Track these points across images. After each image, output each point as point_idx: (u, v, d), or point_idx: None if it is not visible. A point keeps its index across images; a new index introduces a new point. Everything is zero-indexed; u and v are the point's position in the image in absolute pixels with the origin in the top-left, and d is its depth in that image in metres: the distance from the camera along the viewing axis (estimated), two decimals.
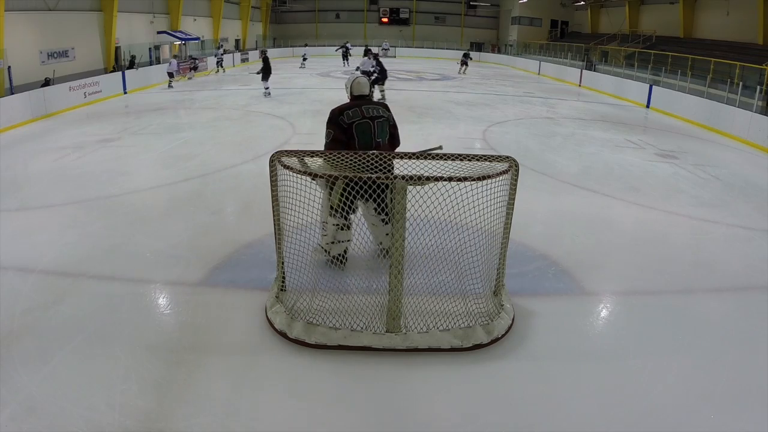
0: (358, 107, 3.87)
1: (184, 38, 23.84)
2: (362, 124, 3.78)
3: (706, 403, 2.90)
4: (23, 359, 3.07)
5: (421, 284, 3.54)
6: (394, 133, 4.05)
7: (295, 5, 37.46)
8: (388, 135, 3.96)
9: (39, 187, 6.49)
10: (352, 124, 3.78)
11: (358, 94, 4.04)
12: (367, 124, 3.80)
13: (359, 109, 3.85)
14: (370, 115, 3.85)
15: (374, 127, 3.83)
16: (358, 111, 3.84)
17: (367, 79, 4.17)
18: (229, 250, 4.63)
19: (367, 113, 3.85)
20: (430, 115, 12.12)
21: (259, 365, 3.14)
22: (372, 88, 12.65)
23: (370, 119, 3.83)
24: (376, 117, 3.86)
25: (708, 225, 5.70)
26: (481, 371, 3.11)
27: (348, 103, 3.97)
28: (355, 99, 4.03)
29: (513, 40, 33.85)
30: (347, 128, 3.77)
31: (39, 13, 15.16)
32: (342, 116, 3.81)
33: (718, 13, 20.73)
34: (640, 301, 4.07)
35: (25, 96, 11.19)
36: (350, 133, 3.77)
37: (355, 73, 4.08)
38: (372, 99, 3.95)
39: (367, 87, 4.06)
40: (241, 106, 12.99)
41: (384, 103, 4.14)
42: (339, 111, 3.84)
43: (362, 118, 3.80)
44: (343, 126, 3.78)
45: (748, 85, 12.29)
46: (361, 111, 3.84)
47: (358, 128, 3.78)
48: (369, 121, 3.81)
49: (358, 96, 4.03)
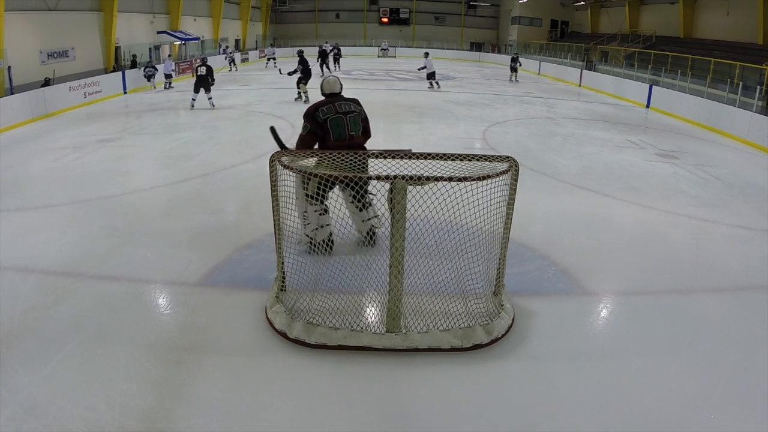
0: (332, 104, 4.25)
1: (184, 38, 23.84)
2: (336, 119, 4.17)
3: (706, 403, 2.90)
4: (23, 359, 3.07)
5: (421, 284, 3.54)
6: (365, 126, 4.43)
7: (295, 5, 37.46)
8: (361, 128, 4.36)
9: (39, 187, 6.49)
10: (327, 119, 4.16)
11: (329, 92, 4.37)
12: (341, 118, 4.18)
13: (333, 106, 4.23)
14: (343, 110, 4.24)
15: (347, 121, 4.22)
16: (332, 107, 4.22)
17: (336, 78, 4.53)
18: (229, 250, 4.63)
19: (340, 109, 4.24)
20: (430, 115, 12.12)
21: (259, 365, 3.14)
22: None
23: (343, 114, 4.22)
24: (348, 112, 4.26)
25: (708, 225, 5.70)
26: (481, 371, 3.11)
27: (323, 101, 4.31)
28: (328, 96, 4.35)
29: (513, 40, 33.84)
30: (323, 123, 4.15)
31: (39, 13, 15.16)
32: (318, 112, 4.18)
33: (718, 13, 20.72)
34: (640, 301, 4.07)
35: (25, 96, 11.19)
36: (325, 127, 4.15)
37: (326, 74, 4.45)
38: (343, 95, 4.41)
39: (338, 85, 4.43)
40: (241, 106, 12.99)
41: (355, 99, 4.47)
42: (315, 108, 4.23)
43: (336, 114, 4.19)
44: (318, 120, 4.15)
45: (748, 85, 12.29)
46: (335, 107, 4.22)
47: (332, 123, 4.16)
48: (342, 116, 4.20)
49: (330, 94, 4.37)
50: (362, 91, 14.59)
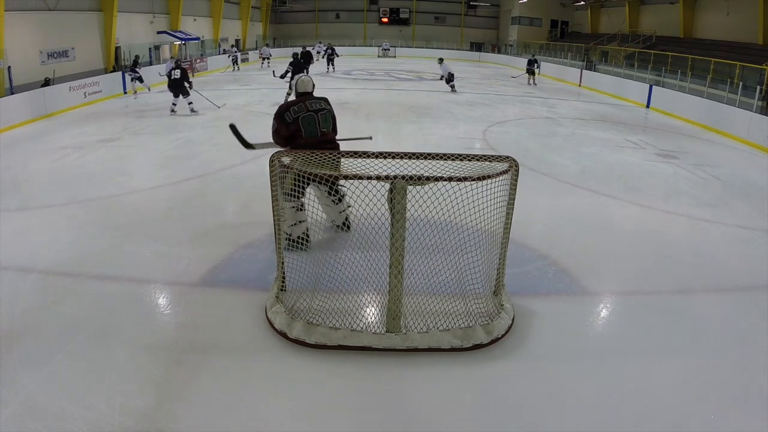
0: (303, 102, 4.41)
1: (184, 38, 23.83)
2: (307, 117, 4.34)
3: (706, 403, 2.90)
4: (23, 359, 3.07)
5: (421, 284, 3.54)
6: (334, 124, 4.62)
7: (295, 5, 37.44)
8: (331, 125, 4.54)
9: (39, 187, 6.49)
10: (298, 117, 4.33)
11: (302, 91, 4.53)
12: (312, 116, 4.36)
13: (303, 104, 4.39)
14: (313, 108, 4.41)
15: (318, 118, 4.39)
16: (303, 106, 4.38)
17: (310, 78, 4.67)
18: (229, 250, 4.63)
19: (310, 107, 4.40)
20: (430, 115, 12.12)
21: (259, 365, 3.14)
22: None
23: (314, 112, 4.39)
24: (319, 110, 4.43)
25: (708, 225, 5.70)
26: (481, 371, 3.11)
27: (294, 100, 4.48)
28: (300, 96, 4.52)
29: (513, 40, 33.84)
30: (292, 122, 4.32)
31: (39, 13, 15.15)
32: (288, 112, 4.35)
33: (718, 13, 20.71)
34: (640, 301, 4.07)
35: (25, 96, 11.18)
36: (296, 125, 4.32)
37: (300, 75, 4.85)
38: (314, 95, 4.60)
39: (311, 85, 4.58)
40: (241, 106, 12.98)
41: (325, 98, 4.62)
42: (285, 107, 4.39)
43: (307, 112, 4.36)
44: (287, 120, 4.33)
45: (748, 85, 12.28)
46: (305, 105, 4.39)
47: (303, 121, 4.33)
48: (313, 113, 4.38)
49: (302, 93, 4.52)
50: (362, 91, 14.59)
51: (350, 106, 12.79)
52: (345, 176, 3.25)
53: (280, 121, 4.36)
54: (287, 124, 4.33)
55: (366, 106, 12.88)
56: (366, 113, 12.08)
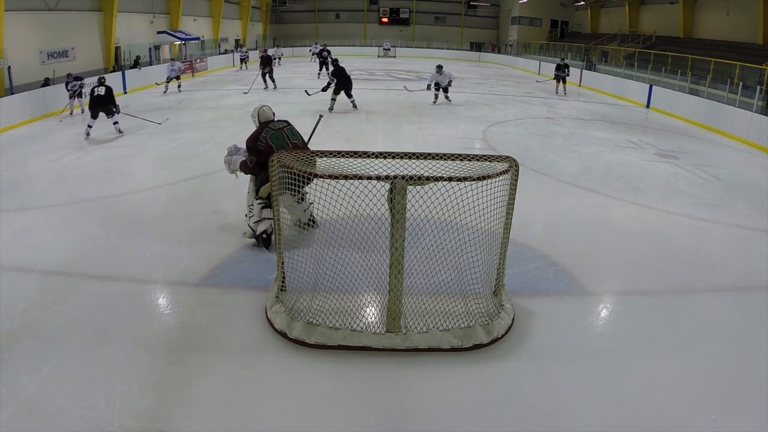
0: (265, 126, 4.65)
1: (184, 38, 23.82)
2: (275, 134, 4.59)
3: (706, 403, 2.90)
4: (23, 359, 3.07)
5: (421, 284, 3.54)
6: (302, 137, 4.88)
7: (295, 5, 37.42)
8: (300, 138, 4.78)
9: (39, 187, 6.49)
10: (267, 137, 4.55)
11: (264, 120, 4.74)
12: (279, 133, 4.62)
13: (267, 127, 4.63)
14: (278, 127, 4.68)
15: (285, 133, 4.64)
16: (267, 128, 4.62)
17: (269, 107, 4.90)
18: (229, 250, 4.63)
19: (274, 127, 4.66)
20: (430, 115, 12.12)
21: (259, 365, 3.14)
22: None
23: (279, 129, 4.66)
24: (283, 127, 4.69)
25: (708, 225, 5.70)
26: (481, 371, 3.11)
27: (257, 129, 4.68)
28: (262, 124, 4.72)
29: (513, 40, 33.82)
30: (265, 148, 4.49)
31: (39, 13, 15.15)
32: (258, 141, 4.55)
33: (718, 13, 20.70)
34: (640, 301, 4.08)
35: (25, 96, 11.18)
36: (267, 144, 4.51)
37: (259, 104, 4.99)
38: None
39: (271, 113, 4.84)
40: (241, 106, 12.97)
41: (286, 120, 4.88)
42: (254, 138, 4.59)
43: (273, 131, 4.60)
44: (260, 149, 4.52)
45: (748, 85, 12.28)
46: (270, 127, 4.64)
47: (272, 138, 4.54)
48: (279, 131, 4.64)
49: (265, 121, 4.74)
50: (362, 91, 14.57)
51: (350, 106, 12.79)
52: (345, 176, 3.24)
53: (256, 152, 4.54)
54: (260, 152, 4.51)
55: (366, 106, 12.88)
56: (366, 113, 12.08)
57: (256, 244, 4.68)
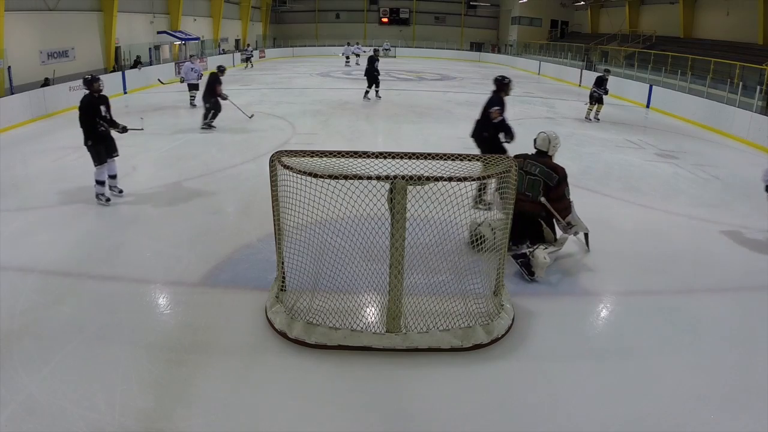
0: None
1: (184, 38, 23.81)
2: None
3: (706, 403, 2.90)
4: (23, 359, 3.07)
5: (421, 284, 3.54)
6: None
7: (295, 5, 37.40)
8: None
9: (39, 187, 6.49)
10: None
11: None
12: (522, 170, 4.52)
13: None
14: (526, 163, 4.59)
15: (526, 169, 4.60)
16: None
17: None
18: (229, 250, 4.63)
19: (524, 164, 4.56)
20: (430, 115, 12.12)
21: (259, 365, 3.14)
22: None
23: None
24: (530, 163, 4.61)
25: (708, 225, 5.70)
26: (481, 371, 3.11)
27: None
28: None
29: (513, 40, 33.82)
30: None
31: (39, 13, 15.14)
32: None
33: (718, 13, 20.70)
34: (640, 301, 4.07)
35: (25, 96, 11.17)
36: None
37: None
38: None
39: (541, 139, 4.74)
40: (241, 106, 12.95)
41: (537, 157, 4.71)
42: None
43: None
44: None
45: (748, 85, 12.28)
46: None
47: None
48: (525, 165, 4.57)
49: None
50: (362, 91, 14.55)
51: (350, 106, 12.79)
52: (345, 176, 3.24)
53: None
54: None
55: (366, 106, 12.88)
56: (366, 113, 12.08)
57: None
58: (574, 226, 4.59)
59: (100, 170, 5.82)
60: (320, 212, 3.26)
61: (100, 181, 5.85)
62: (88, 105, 5.64)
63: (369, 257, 3.51)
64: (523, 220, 4.37)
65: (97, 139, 5.72)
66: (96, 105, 5.70)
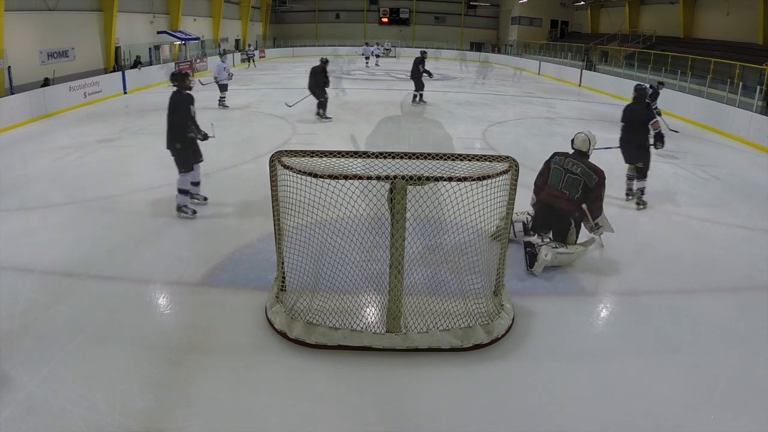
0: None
1: (184, 38, 23.80)
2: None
3: (706, 403, 2.90)
4: (23, 359, 3.07)
5: (421, 284, 3.54)
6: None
7: (295, 5, 37.40)
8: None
9: (39, 187, 6.49)
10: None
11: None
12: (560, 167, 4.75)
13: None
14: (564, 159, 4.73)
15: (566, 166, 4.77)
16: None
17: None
18: (229, 250, 4.63)
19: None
20: (430, 115, 12.11)
21: (259, 365, 3.14)
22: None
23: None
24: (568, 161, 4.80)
25: (708, 225, 5.70)
26: (481, 371, 3.11)
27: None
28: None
29: (513, 40, 33.82)
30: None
31: (39, 13, 15.13)
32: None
33: (718, 13, 20.69)
34: (640, 301, 4.07)
35: (25, 96, 11.17)
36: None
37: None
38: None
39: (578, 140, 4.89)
40: (241, 106, 12.97)
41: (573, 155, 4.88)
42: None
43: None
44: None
45: (748, 85, 12.27)
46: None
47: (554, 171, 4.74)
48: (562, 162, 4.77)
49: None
50: (362, 91, 14.57)
51: (350, 106, 12.79)
52: (345, 176, 3.24)
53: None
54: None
55: (366, 106, 12.87)
56: (366, 113, 12.08)
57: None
58: (602, 227, 4.57)
59: (184, 178, 5.24)
60: (320, 212, 3.26)
61: (183, 191, 5.20)
62: (180, 104, 5.12)
63: (369, 257, 3.51)
64: (552, 215, 4.47)
65: (187, 142, 5.19)
66: (187, 105, 5.16)
